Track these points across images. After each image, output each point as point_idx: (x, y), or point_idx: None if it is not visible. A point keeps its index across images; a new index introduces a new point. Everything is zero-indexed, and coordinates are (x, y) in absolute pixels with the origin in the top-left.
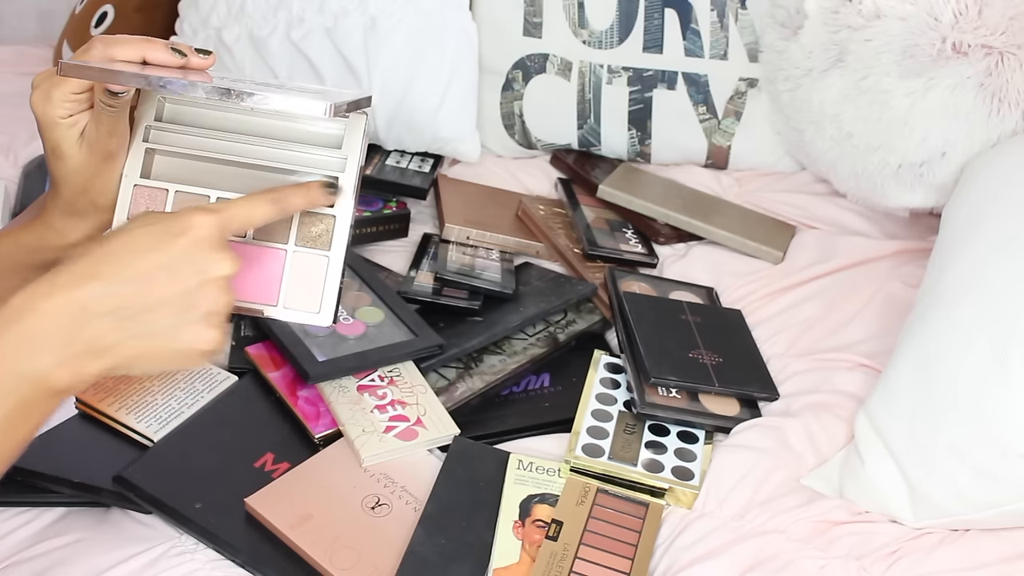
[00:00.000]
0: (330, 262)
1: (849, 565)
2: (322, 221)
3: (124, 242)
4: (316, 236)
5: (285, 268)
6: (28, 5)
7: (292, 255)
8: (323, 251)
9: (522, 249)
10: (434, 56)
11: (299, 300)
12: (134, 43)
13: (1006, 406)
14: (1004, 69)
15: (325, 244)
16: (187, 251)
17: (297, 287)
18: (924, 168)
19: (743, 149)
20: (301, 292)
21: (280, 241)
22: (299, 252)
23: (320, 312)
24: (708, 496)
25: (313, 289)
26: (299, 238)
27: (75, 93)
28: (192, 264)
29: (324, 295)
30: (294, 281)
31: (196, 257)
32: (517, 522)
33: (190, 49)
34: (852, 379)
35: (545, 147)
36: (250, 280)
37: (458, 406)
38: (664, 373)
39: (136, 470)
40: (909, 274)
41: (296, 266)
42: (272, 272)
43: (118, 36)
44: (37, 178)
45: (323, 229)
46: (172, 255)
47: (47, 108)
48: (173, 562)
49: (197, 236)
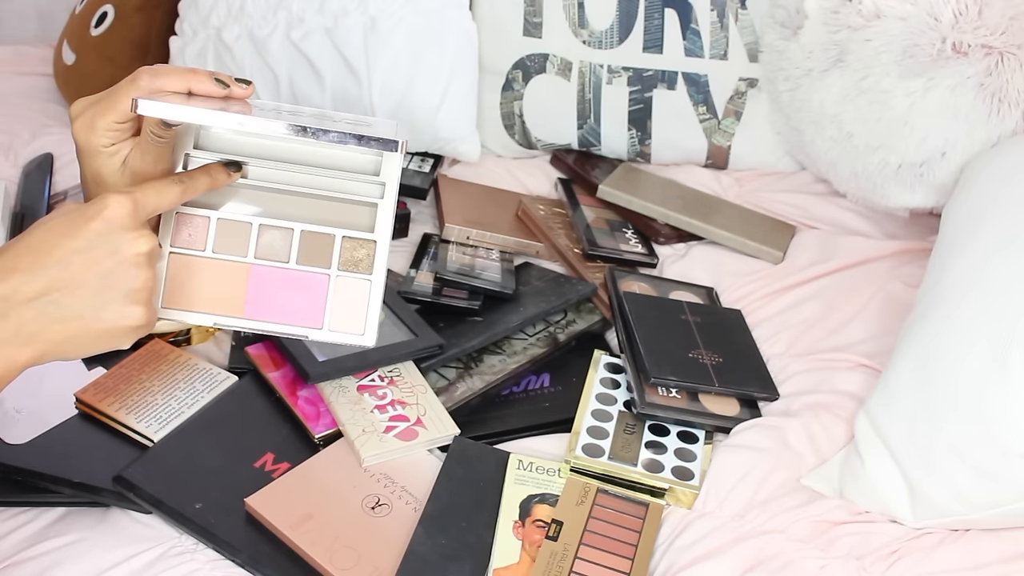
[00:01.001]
0: (372, 285)
1: (849, 565)
2: (363, 247)
3: (41, 233)
4: (358, 261)
5: (329, 292)
6: (28, 5)
7: (335, 279)
8: (365, 275)
9: (522, 249)
10: (434, 56)
11: (344, 323)
12: (179, 74)
13: (1006, 406)
14: (1004, 69)
15: (367, 268)
16: (101, 233)
17: (341, 310)
18: (924, 168)
19: (743, 149)
20: (345, 315)
21: (323, 266)
22: (342, 276)
23: (364, 334)
24: (708, 496)
25: (357, 312)
26: (341, 263)
27: (119, 123)
28: (107, 245)
29: (368, 317)
30: (338, 305)
31: (111, 238)
32: (517, 522)
33: (231, 79)
34: (852, 379)
35: (545, 147)
36: (295, 305)
37: (458, 406)
38: (664, 373)
39: (136, 470)
40: (909, 274)
41: (340, 290)
42: (316, 296)
43: (163, 67)
44: (37, 178)
45: (365, 254)
46: (87, 238)
47: (91, 137)
48: (173, 562)
49: (110, 217)
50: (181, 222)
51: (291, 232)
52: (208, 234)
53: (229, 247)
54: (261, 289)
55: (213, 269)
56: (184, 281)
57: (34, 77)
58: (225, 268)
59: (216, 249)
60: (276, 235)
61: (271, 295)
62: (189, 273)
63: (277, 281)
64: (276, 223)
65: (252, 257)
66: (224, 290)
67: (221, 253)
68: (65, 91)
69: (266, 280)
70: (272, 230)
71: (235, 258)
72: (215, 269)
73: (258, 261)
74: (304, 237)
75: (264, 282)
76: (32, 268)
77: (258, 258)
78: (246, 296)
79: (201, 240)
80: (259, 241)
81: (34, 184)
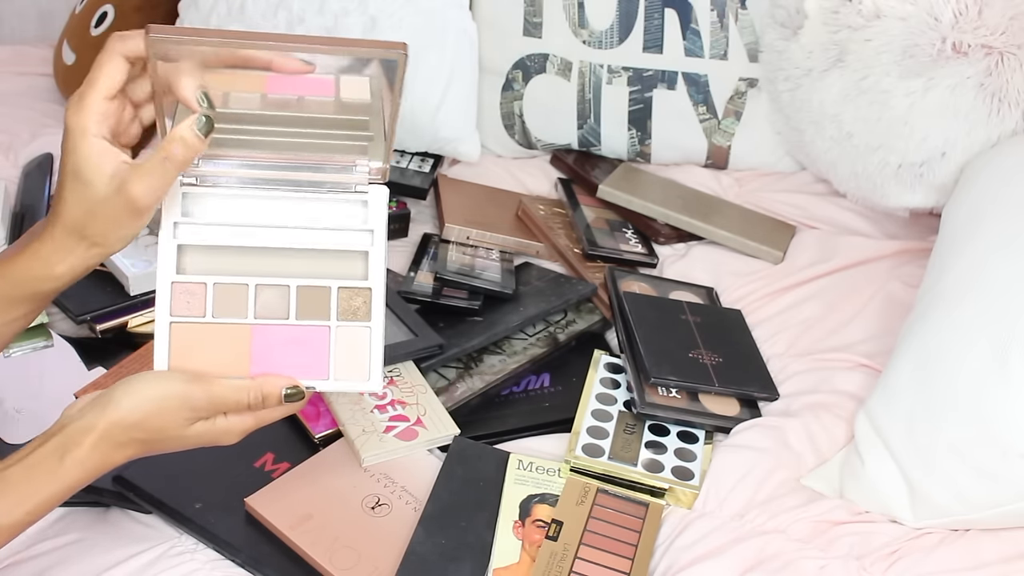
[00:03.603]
0: (372, 331)
1: (849, 565)
2: (360, 295)
3: (159, 423)
4: (356, 309)
5: (331, 343)
6: (28, 5)
7: (336, 330)
8: (364, 322)
9: (522, 249)
10: (434, 56)
11: (348, 371)
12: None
13: (1006, 406)
14: (1004, 69)
15: (365, 315)
16: (208, 441)
17: (345, 359)
18: (924, 168)
19: (743, 149)
20: (349, 363)
21: (322, 319)
22: (342, 327)
23: (370, 380)
24: (708, 496)
25: (360, 359)
26: (340, 313)
27: (108, 99)
28: (207, 442)
29: (371, 363)
30: (341, 354)
31: (211, 440)
32: (517, 522)
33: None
34: (852, 379)
35: (545, 147)
36: (300, 359)
37: (458, 406)
38: (664, 373)
39: (136, 470)
40: (909, 274)
41: (341, 340)
42: (319, 349)
43: (132, 32)
44: (37, 178)
45: (362, 302)
46: (196, 442)
47: (79, 116)
48: (173, 562)
49: (222, 440)
50: (178, 291)
51: (287, 289)
52: (206, 300)
53: (228, 310)
54: (265, 348)
55: (215, 333)
56: (189, 348)
57: (34, 77)
58: (227, 331)
59: (216, 314)
60: (273, 293)
61: (275, 352)
62: (192, 340)
63: (279, 338)
64: (272, 281)
65: (252, 317)
66: (228, 353)
67: (221, 317)
68: (65, 91)
69: (269, 338)
70: (269, 289)
71: (236, 320)
72: (217, 333)
73: (259, 321)
74: (301, 292)
75: (267, 340)
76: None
77: (258, 318)
78: (251, 356)
79: (200, 306)
80: (257, 301)
81: (34, 184)
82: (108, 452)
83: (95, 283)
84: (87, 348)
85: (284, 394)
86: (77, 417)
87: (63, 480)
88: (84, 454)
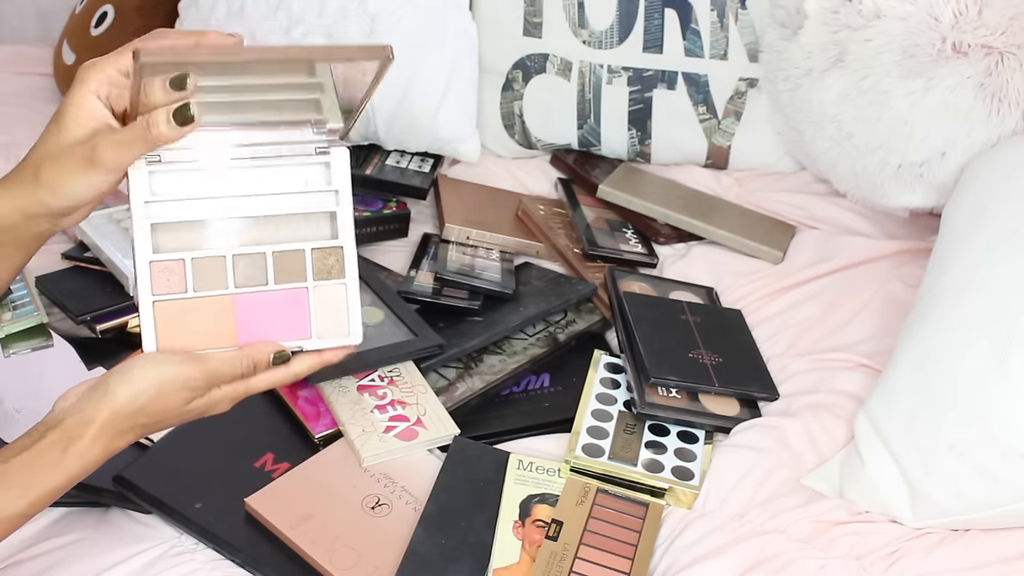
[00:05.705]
0: (347, 287)
1: (849, 565)
2: (332, 254)
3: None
4: (330, 268)
5: (310, 303)
6: (28, 5)
7: (314, 290)
8: (339, 279)
9: (522, 249)
10: (434, 56)
11: (329, 328)
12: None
13: (1006, 406)
14: (1004, 69)
15: (339, 273)
16: (203, 412)
17: (325, 317)
18: (924, 168)
19: (743, 149)
20: (329, 320)
21: (300, 281)
22: (319, 286)
23: (350, 334)
24: (708, 496)
25: (339, 315)
26: (316, 272)
27: (121, 73)
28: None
29: (350, 318)
30: (321, 312)
31: (206, 412)
32: (517, 522)
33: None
34: (852, 379)
35: (545, 147)
36: (283, 322)
37: (458, 406)
38: (664, 373)
39: (136, 470)
40: (909, 274)
41: (319, 299)
42: (299, 310)
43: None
44: None
45: (334, 260)
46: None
47: (88, 72)
48: (173, 562)
49: (216, 410)
50: (157, 271)
51: (264, 256)
52: (186, 275)
53: (209, 283)
54: (249, 315)
55: (199, 307)
56: (174, 325)
57: (34, 77)
58: (210, 304)
59: (197, 288)
60: (250, 262)
61: (259, 319)
62: (177, 316)
63: (261, 304)
64: (248, 250)
65: (233, 287)
66: (214, 324)
67: (203, 290)
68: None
69: (251, 306)
70: (246, 258)
71: (217, 292)
72: (201, 306)
73: (239, 290)
74: (277, 257)
75: (250, 308)
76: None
77: (239, 287)
78: (236, 325)
79: (180, 283)
80: (236, 271)
81: None
82: (110, 441)
83: (95, 283)
84: (87, 348)
85: (271, 359)
86: (74, 410)
87: (65, 472)
88: (86, 446)
